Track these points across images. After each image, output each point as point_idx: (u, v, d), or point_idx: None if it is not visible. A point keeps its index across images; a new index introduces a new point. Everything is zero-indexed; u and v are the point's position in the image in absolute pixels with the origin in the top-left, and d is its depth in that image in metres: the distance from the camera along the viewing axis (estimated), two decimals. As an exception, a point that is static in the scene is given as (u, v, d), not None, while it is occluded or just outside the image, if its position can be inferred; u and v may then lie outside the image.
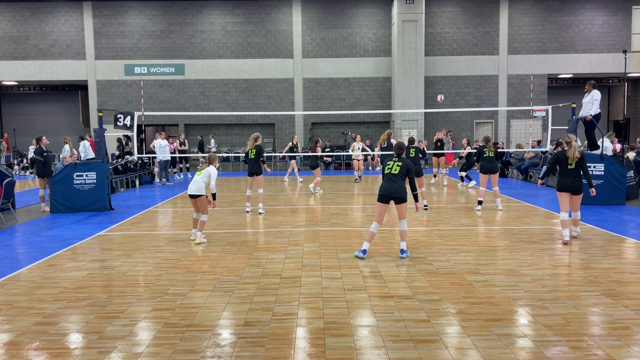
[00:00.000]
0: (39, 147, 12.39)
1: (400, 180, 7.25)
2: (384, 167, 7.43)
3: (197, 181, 8.38)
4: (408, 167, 7.29)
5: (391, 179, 7.25)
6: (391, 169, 7.31)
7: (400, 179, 7.25)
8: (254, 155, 11.15)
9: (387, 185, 7.24)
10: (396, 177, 7.25)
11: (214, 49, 26.25)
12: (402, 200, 7.21)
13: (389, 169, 7.33)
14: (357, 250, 7.58)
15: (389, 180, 7.26)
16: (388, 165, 7.38)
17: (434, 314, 5.11)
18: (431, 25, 26.01)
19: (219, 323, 4.96)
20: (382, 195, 7.25)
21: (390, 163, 7.39)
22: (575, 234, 8.57)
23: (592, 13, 26.03)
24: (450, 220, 10.39)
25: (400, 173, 7.24)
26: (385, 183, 7.28)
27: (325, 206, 12.52)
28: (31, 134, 27.74)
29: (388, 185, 7.23)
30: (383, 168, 7.45)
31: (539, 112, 18.95)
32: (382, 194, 7.25)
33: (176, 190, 16.41)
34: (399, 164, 7.32)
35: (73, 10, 25.87)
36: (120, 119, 12.96)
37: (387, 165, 7.37)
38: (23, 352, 4.38)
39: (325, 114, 25.75)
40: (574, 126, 12.71)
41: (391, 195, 7.20)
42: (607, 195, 11.88)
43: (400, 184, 7.24)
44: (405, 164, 7.31)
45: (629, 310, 5.16)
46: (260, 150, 11.22)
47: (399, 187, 7.22)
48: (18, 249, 8.34)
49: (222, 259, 7.39)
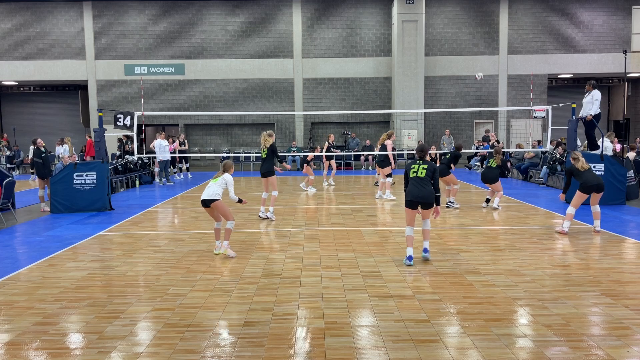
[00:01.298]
0: (36, 149, 12.39)
1: (428, 184, 7.00)
2: (408, 170, 7.15)
3: (210, 186, 7.66)
4: (434, 168, 7.06)
5: (419, 183, 6.98)
6: (417, 172, 7.05)
7: (428, 183, 7.00)
8: (265, 155, 10.54)
9: (415, 190, 6.95)
10: (423, 181, 6.99)
11: (214, 49, 26.25)
12: (431, 205, 6.99)
13: (414, 173, 7.06)
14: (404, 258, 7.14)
15: (416, 184, 6.99)
16: (413, 168, 7.10)
17: (434, 314, 5.11)
18: (431, 25, 26.01)
19: (219, 323, 4.96)
20: (411, 201, 6.96)
21: (415, 166, 7.11)
22: (598, 229, 8.87)
23: (592, 13, 26.02)
24: (450, 220, 10.39)
25: (427, 176, 7.00)
26: (413, 188, 6.98)
27: (325, 206, 12.52)
28: (31, 134, 27.69)
29: (416, 190, 6.94)
30: (407, 172, 7.16)
31: (539, 112, 18.92)
32: (410, 199, 6.97)
33: (176, 190, 16.40)
34: (424, 166, 7.06)
35: (73, 10, 25.86)
36: (120, 119, 12.96)
37: (412, 169, 7.10)
38: (23, 352, 4.38)
39: (325, 114, 25.74)
40: (574, 126, 12.72)
41: (420, 201, 6.94)
42: (607, 195, 11.85)
43: (428, 187, 6.97)
44: (430, 165, 7.06)
45: (629, 310, 5.16)
46: (274, 149, 10.54)
47: (428, 192, 6.94)
48: (18, 249, 8.34)
49: (222, 259, 7.38)
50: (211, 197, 7.52)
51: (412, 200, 6.96)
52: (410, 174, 7.10)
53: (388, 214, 11.33)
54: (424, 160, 7.20)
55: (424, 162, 7.17)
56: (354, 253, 7.67)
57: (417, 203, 6.96)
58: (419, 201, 6.94)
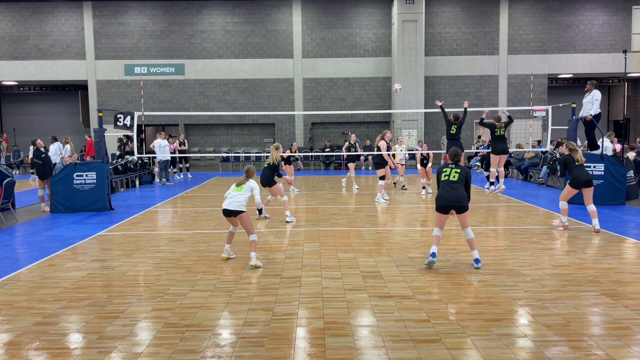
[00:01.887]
0: (36, 150, 12.38)
1: (460, 187, 6.79)
2: (440, 174, 6.97)
3: (234, 196, 7.05)
4: (467, 173, 6.89)
5: (450, 186, 6.78)
6: (449, 175, 6.85)
7: (460, 186, 6.79)
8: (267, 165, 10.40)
9: (446, 193, 6.74)
10: (456, 184, 6.79)
11: (214, 49, 26.25)
12: (464, 209, 6.73)
13: (446, 176, 6.87)
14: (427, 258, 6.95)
15: (447, 187, 6.78)
16: (445, 172, 6.92)
17: (434, 314, 5.11)
18: (431, 25, 26.01)
19: (219, 323, 4.96)
20: (442, 206, 6.77)
21: (446, 170, 6.93)
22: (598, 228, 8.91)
23: (592, 13, 26.02)
24: (450, 220, 10.37)
25: (460, 180, 6.80)
26: (443, 191, 6.78)
27: (325, 206, 12.51)
28: (31, 134, 27.68)
29: (447, 194, 6.73)
30: (439, 175, 7.00)
31: (539, 112, 18.95)
32: (442, 204, 6.77)
33: (176, 190, 16.40)
34: (457, 170, 6.87)
35: (73, 10, 25.86)
36: (120, 119, 12.96)
37: (444, 173, 6.92)
38: (23, 352, 4.38)
39: (325, 114, 25.74)
40: (574, 126, 12.71)
41: (452, 205, 6.72)
42: (607, 195, 11.88)
43: (460, 191, 6.76)
44: (463, 170, 6.88)
45: (629, 310, 5.16)
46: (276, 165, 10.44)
47: (459, 194, 6.73)
48: (18, 249, 8.34)
49: (222, 259, 7.38)
50: (238, 208, 7.00)
51: (444, 204, 6.75)
52: (441, 177, 6.94)
53: (388, 214, 11.32)
54: (457, 165, 6.99)
55: (457, 166, 6.97)
56: (354, 253, 7.67)
57: (449, 207, 6.76)
58: (451, 205, 6.72)
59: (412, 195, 14.38)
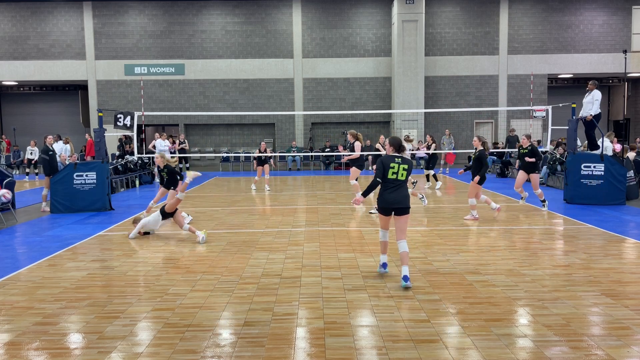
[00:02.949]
0: (45, 146, 12.37)
1: (405, 188, 6.20)
2: (387, 170, 6.12)
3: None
4: (411, 166, 6.21)
5: (397, 186, 6.13)
6: (397, 174, 6.11)
7: (405, 184, 6.18)
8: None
9: (392, 194, 6.12)
10: (403, 183, 6.16)
11: (214, 49, 26.25)
12: (407, 210, 6.17)
13: (394, 174, 6.10)
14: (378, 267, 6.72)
15: (393, 187, 6.13)
16: (392, 168, 6.10)
17: (434, 314, 5.11)
18: (431, 25, 26.01)
19: (219, 323, 4.96)
20: (386, 208, 6.19)
21: (394, 166, 6.12)
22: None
23: (592, 13, 26.02)
24: (450, 220, 10.39)
25: (406, 178, 6.18)
26: (389, 193, 6.13)
27: (325, 206, 12.52)
28: (31, 134, 27.71)
29: (393, 195, 6.12)
30: (385, 171, 6.13)
31: (539, 112, 18.94)
32: (385, 206, 6.18)
33: (176, 190, 16.39)
34: (405, 167, 6.13)
35: (73, 10, 25.86)
36: (120, 119, 12.96)
37: (392, 169, 6.10)
38: (23, 352, 4.38)
39: (325, 114, 25.73)
40: (574, 126, 12.72)
41: (395, 207, 6.13)
42: (607, 195, 11.88)
43: (405, 192, 6.16)
44: (410, 165, 6.18)
45: (629, 310, 5.16)
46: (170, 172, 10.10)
47: (404, 195, 6.14)
48: (18, 249, 8.34)
49: (222, 259, 7.38)
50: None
51: (387, 207, 6.17)
52: (388, 174, 6.12)
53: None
54: (403, 159, 6.20)
55: (403, 160, 6.18)
56: (354, 253, 7.67)
57: (392, 209, 6.17)
58: (394, 207, 6.14)
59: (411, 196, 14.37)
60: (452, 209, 11.81)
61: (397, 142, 6.31)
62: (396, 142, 6.32)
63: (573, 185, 12.14)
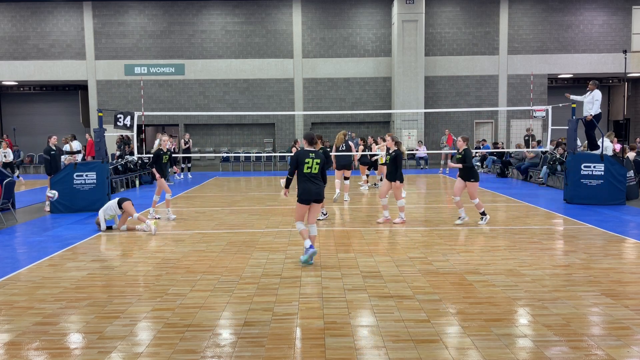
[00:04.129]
0: (47, 146, 12.38)
1: (321, 180, 7.04)
2: (302, 165, 6.87)
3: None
4: (323, 158, 7.02)
5: (313, 179, 6.93)
6: (311, 168, 6.87)
7: (320, 179, 7.02)
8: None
9: (312, 187, 6.90)
10: (317, 177, 6.96)
11: (214, 49, 26.25)
12: (322, 200, 7.11)
13: (308, 169, 6.86)
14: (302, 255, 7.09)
15: (310, 181, 6.90)
16: (307, 163, 6.85)
17: (434, 314, 5.11)
18: (431, 25, 26.00)
19: (219, 323, 4.96)
20: (308, 199, 6.94)
21: (309, 161, 6.86)
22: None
23: (592, 13, 26.02)
24: (450, 220, 10.39)
25: (320, 171, 6.98)
26: (308, 185, 6.89)
27: (325, 206, 12.50)
28: (31, 134, 27.74)
29: (313, 188, 6.91)
30: (300, 166, 6.90)
31: (539, 112, 18.93)
32: (308, 198, 6.92)
33: (176, 190, 16.40)
34: (317, 161, 6.92)
35: (73, 10, 25.85)
36: (120, 119, 12.95)
37: (306, 164, 6.85)
38: (23, 352, 4.38)
39: (325, 114, 25.73)
40: (574, 126, 12.72)
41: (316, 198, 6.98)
42: (607, 195, 11.88)
43: (321, 184, 7.03)
44: (322, 158, 6.99)
45: (629, 310, 5.16)
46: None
47: (321, 188, 7.03)
48: (18, 249, 8.34)
49: (222, 259, 7.39)
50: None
51: (308, 198, 6.93)
52: (304, 169, 6.87)
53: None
54: (316, 153, 6.98)
55: (316, 155, 6.96)
56: (354, 253, 7.67)
57: (312, 200, 6.98)
58: (315, 198, 6.97)
59: (412, 195, 14.38)
60: (452, 209, 11.81)
61: (310, 137, 7.07)
62: (309, 136, 7.08)
63: (573, 185, 12.15)
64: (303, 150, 7.00)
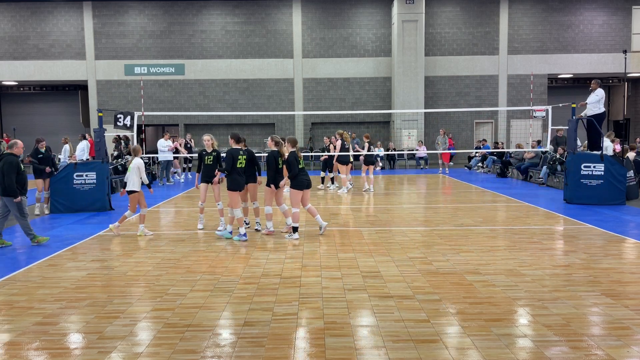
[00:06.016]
0: (35, 149, 12.18)
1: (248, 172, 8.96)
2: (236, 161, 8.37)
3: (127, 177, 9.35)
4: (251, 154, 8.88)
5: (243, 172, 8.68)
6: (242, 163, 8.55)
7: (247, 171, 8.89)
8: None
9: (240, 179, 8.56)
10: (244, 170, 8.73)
11: (214, 49, 26.25)
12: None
13: (241, 164, 8.49)
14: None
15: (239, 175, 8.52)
16: (239, 160, 8.44)
17: (434, 314, 5.11)
18: (431, 25, 26.01)
19: (219, 323, 4.96)
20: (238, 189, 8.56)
21: (240, 158, 8.49)
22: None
23: (592, 13, 26.02)
24: (450, 220, 10.39)
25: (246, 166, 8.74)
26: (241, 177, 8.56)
27: (326, 206, 12.51)
28: (31, 134, 27.63)
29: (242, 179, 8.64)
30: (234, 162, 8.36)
31: (539, 112, 18.94)
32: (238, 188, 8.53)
33: (176, 190, 16.40)
34: (245, 157, 8.62)
35: (73, 10, 25.86)
36: (120, 119, 12.96)
37: (239, 161, 8.43)
38: (23, 352, 4.38)
39: (325, 114, 25.74)
40: (574, 126, 12.72)
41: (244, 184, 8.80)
42: (607, 195, 11.88)
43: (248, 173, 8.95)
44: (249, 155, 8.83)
45: (629, 310, 5.16)
46: (219, 155, 9.64)
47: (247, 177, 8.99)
48: (18, 249, 8.34)
49: (222, 259, 7.39)
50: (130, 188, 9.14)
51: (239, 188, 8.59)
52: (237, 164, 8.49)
53: (388, 214, 11.32)
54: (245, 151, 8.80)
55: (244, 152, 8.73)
56: (354, 253, 7.67)
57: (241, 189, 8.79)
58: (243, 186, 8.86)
59: (412, 195, 14.38)
60: (452, 209, 11.81)
61: (236, 136, 8.75)
62: (235, 135, 8.76)
63: (573, 185, 12.14)
64: (235, 148, 8.59)
